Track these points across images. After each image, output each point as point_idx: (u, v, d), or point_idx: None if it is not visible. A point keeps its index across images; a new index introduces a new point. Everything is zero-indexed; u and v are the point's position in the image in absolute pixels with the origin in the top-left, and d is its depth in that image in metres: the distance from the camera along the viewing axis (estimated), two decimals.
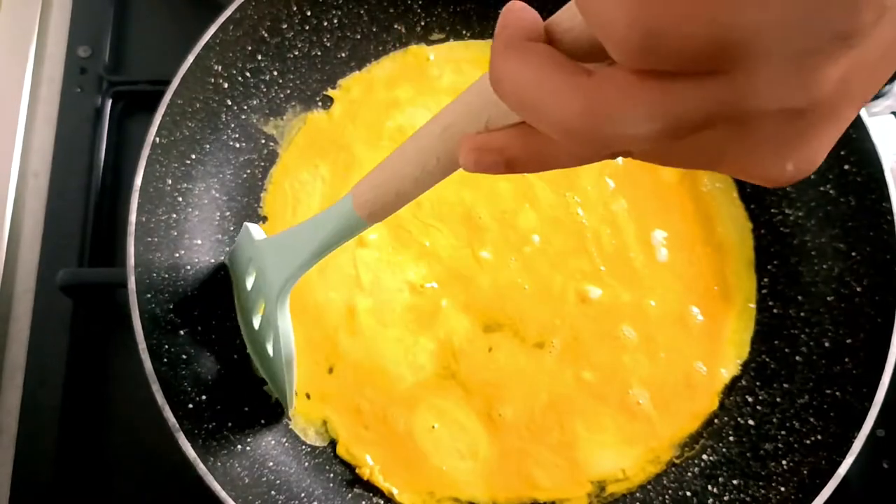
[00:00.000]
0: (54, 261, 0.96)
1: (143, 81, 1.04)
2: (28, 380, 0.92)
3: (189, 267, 0.85)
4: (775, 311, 0.89)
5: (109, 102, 1.02)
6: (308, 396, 0.85)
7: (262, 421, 0.84)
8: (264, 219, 0.92)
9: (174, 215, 0.84)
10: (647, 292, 0.89)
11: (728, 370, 0.87)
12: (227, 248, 0.89)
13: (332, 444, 0.85)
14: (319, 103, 0.96)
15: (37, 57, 1.07)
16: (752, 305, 0.89)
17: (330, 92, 0.96)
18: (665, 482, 0.84)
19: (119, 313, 0.96)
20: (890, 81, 1.04)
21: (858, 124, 0.82)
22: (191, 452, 0.71)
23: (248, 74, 0.90)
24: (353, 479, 0.83)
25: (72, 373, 0.92)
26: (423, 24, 0.98)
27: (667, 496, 0.83)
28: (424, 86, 0.96)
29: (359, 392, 0.85)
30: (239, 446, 0.80)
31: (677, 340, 0.87)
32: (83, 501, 0.89)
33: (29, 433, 0.90)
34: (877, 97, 1.03)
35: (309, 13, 0.91)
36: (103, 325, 0.95)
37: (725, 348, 0.88)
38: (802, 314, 0.87)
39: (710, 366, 0.87)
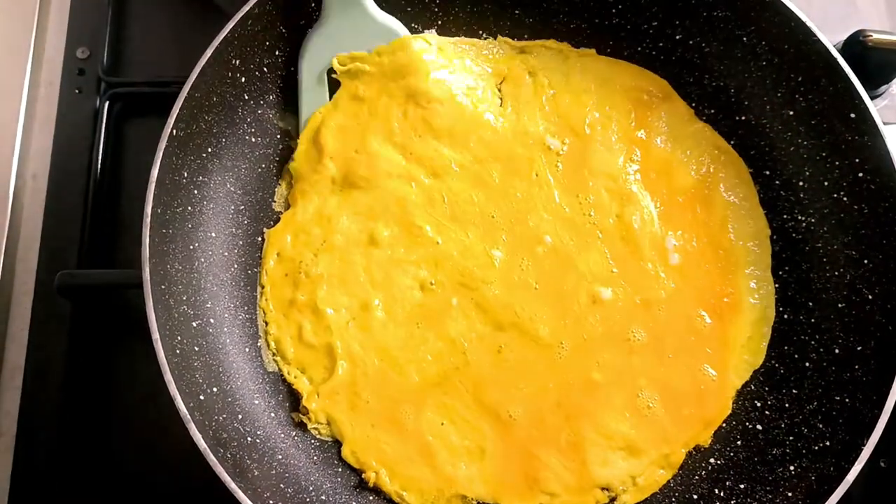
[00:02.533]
0: (53, 262, 0.96)
1: (142, 83, 1.05)
2: (27, 381, 0.93)
3: (203, 260, 0.85)
4: (786, 316, 0.89)
5: (107, 104, 1.02)
6: (318, 395, 0.85)
7: (272, 414, 0.84)
8: (279, 214, 0.92)
9: (189, 208, 0.85)
10: (658, 295, 0.89)
11: (740, 376, 0.87)
12: (241, 242, 0.90)
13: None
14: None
15: (35, 58, 1.07)
16: (772, 312, 0.89)
17: (337, 76, 0.95)
18: (672, 485, 0.84)
19: (118, 314, 0.97)
20: (887, 81, 1.04)
21: (872, 132, 0.82)
22: (201, 443, 0.71)
23: (265, 70, 0.90)
24: (362, 470, 0.84)
25: (71, 374, 0.92)
26: (439, 23, 0.98)
27: (673, 499, 0.84)
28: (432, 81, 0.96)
29: (367, 389, 0.85)
30: (249, 439, 0.80)
31: (687, 344, 0.87)
32: (83, 502, 0.90)
33: (28, 434, 0.91)
34: (875, 97, 1.03)
35: None
36: (102, 326, 0.96)
37: (738, 354, 0.88)
38: (813, 320, 0.87)
39: (720, 370, 0.87)
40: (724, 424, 0.86)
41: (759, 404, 0.86)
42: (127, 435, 0.92)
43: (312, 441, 0.85)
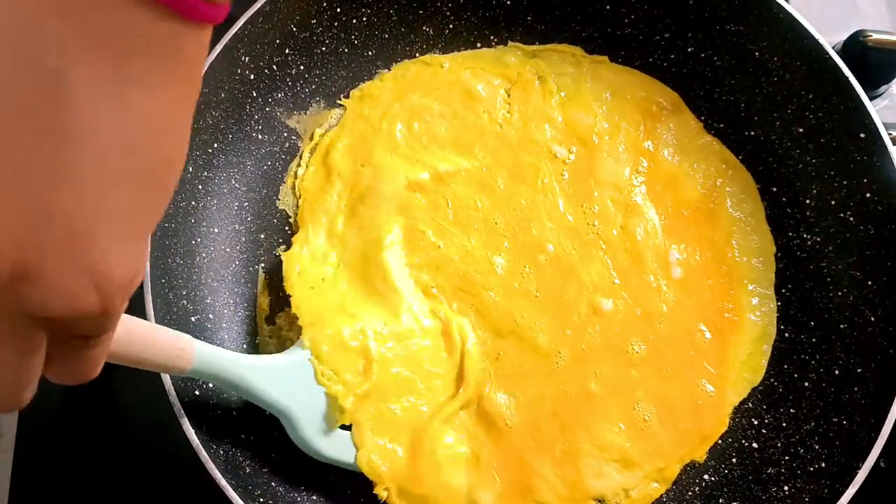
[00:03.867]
0: None
1: None
2: None
3: (205, 255, 0.86)
4: (787, 335, 0.88)
5: None
6: (353, 397, 0.83)
7: (267, 412, 0.84)
8: (283, 212, 0.92)
9: (193, 203, 0.85)
10: (659, 308, 0.88)
11: (738, 393, 0.87)
12: (244, 239, 0.90)
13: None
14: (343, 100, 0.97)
15: None
16: (773, 330, 0.89)
17: (343, 101, 0.97)
18: (665, 500, 0.84)
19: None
20: (888, 81, 1.03)
21: (881, 153, 0.82)
22: (194, 439, 0.71)
23: (274, 67, 0.90)
24: (352, 472, 0.83)
25: None
26: (451, 26, 0.98)
27: None
28: (438, 92, 0.96)
29: (389, 394, 0.84)
30: (242, 435, 0.80)
31: (686, 358, 0.87)
32: (83, 502, 0.90)
33: (28, 435, 0.91)
34: (875, 97, 1.03)
35: (339, 10, 0.92)
36: None
37: (738, 370, 0.87)
38: (814, 340, 0.86)
39: (718, 386, 0.86)
40: (719, 441, 0.85)
41: (755, 422, 0.86)
42: (127, 435, 0.92)
43: None
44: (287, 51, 0.90)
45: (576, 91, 0.96)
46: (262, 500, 0.75)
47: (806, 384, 0.84)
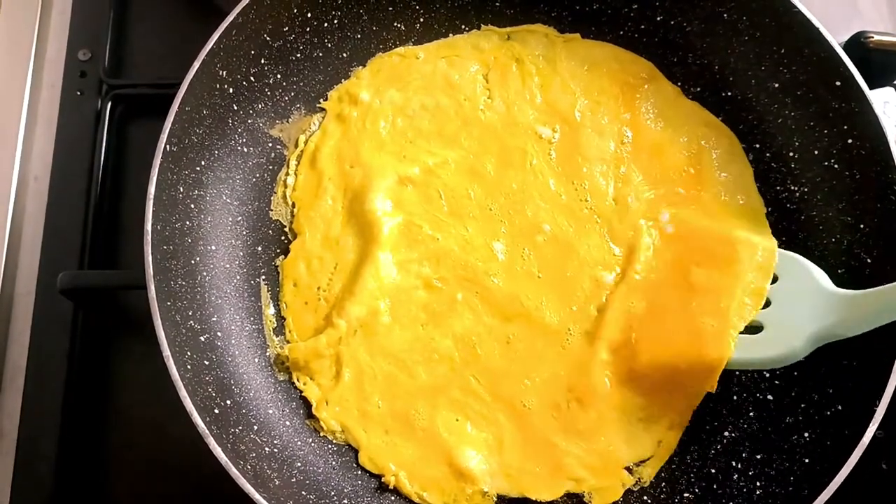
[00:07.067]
0: (54, 263, 0.96)
1: (143, 85, 1.05)
2: (28, 382, 0.93)
3: (205, 273, 0.85)
4: None
5: (109, 105, 1.02)
6: (326, 403, 0.85)
7: (287, 423, 0.84)
8: (277, 222, 0.92)
9: (188, 222, 0.84)
10: (653, 267, 0.88)
11: (742, 317, 0.84)
12: (242, 253, 0.89)
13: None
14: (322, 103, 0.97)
15: (36, 60, 1.07)
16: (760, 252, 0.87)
17: (323, 104, 0.97)
18: (689, 461, 0.85)
19: (119, 315, 0.97)
20: (889, 82, 1.05)
21: (859, 98, 0.83)
22: (222, 457, 0.71)
23: (252, 79, 0.90)
24: (381, 474, 0.84)
25: (72, 375, 0.92)
26: (422, 20, 0.98)
27: (691, 474, 0.84)
28: (416, 84, 0.97)
29: (377, 394, 0.85)
30: (266, 449, 0.80)
31: (684, 303, 0.86)
32: (84, 503, 0.90)
33: (30, 436, 0.91)
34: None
35: (310, 15, 0.91)
36: (104, 327, 0.96)
37: (738, 298, 0.84)
38: None
39: (719, 317, 0.84)
40: (734, 397, 0.87)
41: (767, 374, 0.87)
42: (127, 435, 0.92)
43: (329, 446, 0.84)
44: (263, 61, 0.90)
45: (553, 71, 0.96)
46: None
47: None
